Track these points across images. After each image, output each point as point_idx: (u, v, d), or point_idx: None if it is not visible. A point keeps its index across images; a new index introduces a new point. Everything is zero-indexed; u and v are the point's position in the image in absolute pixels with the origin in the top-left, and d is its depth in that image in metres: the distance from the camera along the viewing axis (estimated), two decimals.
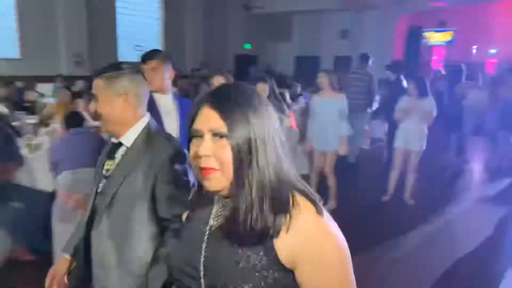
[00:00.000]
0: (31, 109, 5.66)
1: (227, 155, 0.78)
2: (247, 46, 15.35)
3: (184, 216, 0.95)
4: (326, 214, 0.81)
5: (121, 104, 1.29)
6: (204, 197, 0.89)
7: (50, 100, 6.44)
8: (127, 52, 11.90)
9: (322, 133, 4.14)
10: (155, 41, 12.79)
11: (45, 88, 8.17)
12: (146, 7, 12.57)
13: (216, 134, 0.79)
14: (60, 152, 2.96)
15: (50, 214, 2.92)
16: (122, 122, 1.31)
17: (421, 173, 4.77)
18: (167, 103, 2.20)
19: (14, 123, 4.18)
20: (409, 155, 4.50)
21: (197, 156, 0.80)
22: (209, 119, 0.80)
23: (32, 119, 4.87)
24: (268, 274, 0.77)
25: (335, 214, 0.85)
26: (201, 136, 0.80)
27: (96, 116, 1.37)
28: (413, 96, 4.34)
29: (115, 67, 1.31)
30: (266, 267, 0.77)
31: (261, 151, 0.79)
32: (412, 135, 4.38)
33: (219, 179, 0.80)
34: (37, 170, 3.47)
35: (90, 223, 1.34)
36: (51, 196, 2.99)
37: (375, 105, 6.46)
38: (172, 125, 2.13)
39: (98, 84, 1.30)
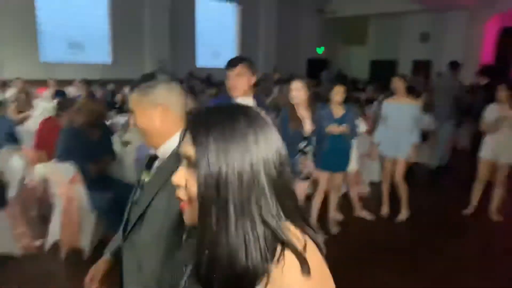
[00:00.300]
0: (121, 109, 6.25)
1: (194, 189, 0.67)
2: (320, 50, 15.26)
3: (183, 237, 0.86)
4: (315, 271, 0.65)
5: (158, 115, 1.23)
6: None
7: None
8: (205, 57, 12.55)
9: (393, 139, 4.00)
10: (231, 47, 13.32)
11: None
12: (223, 14, 13.14)
13: (190, 163, 0.68)
14: (147, 149, 3.24)
15: None
16: (161, 134, 1.24)
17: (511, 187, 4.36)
18: None
19: (107, 122, 4.65)
20: (498, 167, 4.13)
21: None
22: (186, 144, 0.69)
23: (122, 118, 5.38)
24: None
25: (406, 227, 0.77)
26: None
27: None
28: (504, 104, 3.98)
29: (149, 78, 1.25)
30: None
31: (234, 189, 0.64)
32: (502, 145, 4.02)
33: (189, 214, 0.70)
34: (126, 164, 3.84)
35: (124, 233, 1.33)
36: None
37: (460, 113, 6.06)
38: None
39: (133, 97, 1.25)
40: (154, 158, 1.31)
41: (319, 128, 3.18)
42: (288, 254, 0.64)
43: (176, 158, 1.19)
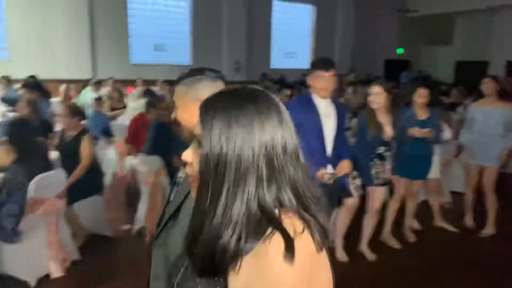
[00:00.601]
0: None
1: (197, 167, 0.72)
2: (400, 50, 14.56)
3: None
4: (302, 258, 0.64)
5: (197, 111, 1.26)
6: None
7: None
8: (279, 59, 12.69)
9: (479, 146, 3.69)
10: (305, 48, 13.29)
11: None
12: (298, 15, 13.16)
13: (198, 142, 0.73)
14: None
15: None
16: None
17: None
18: (327, 106, 2.37)
19: None
20: None
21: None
22: (197, 124, 0.74)
23: None
24: None
25: (492, 242, 0.66)
26: None
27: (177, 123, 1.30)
28: None
29: (196, 73, 1.24)
30: None
31: (232, 169, 0.67)
32: None
33: (195, 189, 0.75)
34: None
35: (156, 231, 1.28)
36: None
37: None
38: (330, 125, 2.32)
39: (177, 90, 1.25)
40: None
41: (401, 131, 3.06)
42: (277, 236, 0.64)
43: None
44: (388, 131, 2.97)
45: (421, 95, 3.29)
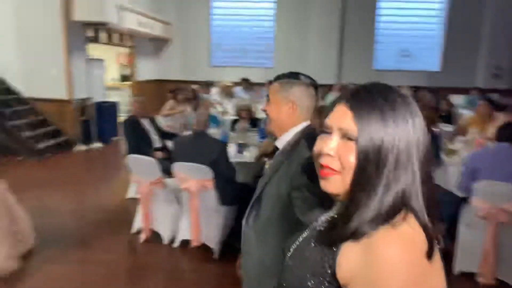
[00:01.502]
0: (446, 118, 5.99)
1: (351, 160, 0.72)
2: None
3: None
4: (420, 255, 0.65)
5: (286, 110, 1.37)
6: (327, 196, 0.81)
7: (464, 111, 6.58)
8: None
9: None
10: None
11: (457, 99, 8.42)
12: None
13: (345, 136, 0.73)
14: (480, 160, 2.99)
15: (457, 217, 3.05)
16: (283, 127, 1.40)
17: None
18: None
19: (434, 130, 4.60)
20: None
21: (320, 153, 0.76)
22: (341, 118, 0.74)
23: (448, 127, 5.16)
24: (325, 281, 0.73)
25: None
26: (330, 133, 0.76)
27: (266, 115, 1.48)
28: None
29: (293, 76, 1.39)
30: (326, 274, 0.73)
31: (390, 164, 0.69)
32: None
33: (336, 183, 0.74)
34: (449, 172, 3.71)
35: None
36: (462, 200, 3.10)
37: None
38: None
39: (273, 87, 1.42)
40: (277, 148, 1.45)
41: None
42: (404, 227, 0.66)
43: (290, 149, 1.36)
44: None
45: None
